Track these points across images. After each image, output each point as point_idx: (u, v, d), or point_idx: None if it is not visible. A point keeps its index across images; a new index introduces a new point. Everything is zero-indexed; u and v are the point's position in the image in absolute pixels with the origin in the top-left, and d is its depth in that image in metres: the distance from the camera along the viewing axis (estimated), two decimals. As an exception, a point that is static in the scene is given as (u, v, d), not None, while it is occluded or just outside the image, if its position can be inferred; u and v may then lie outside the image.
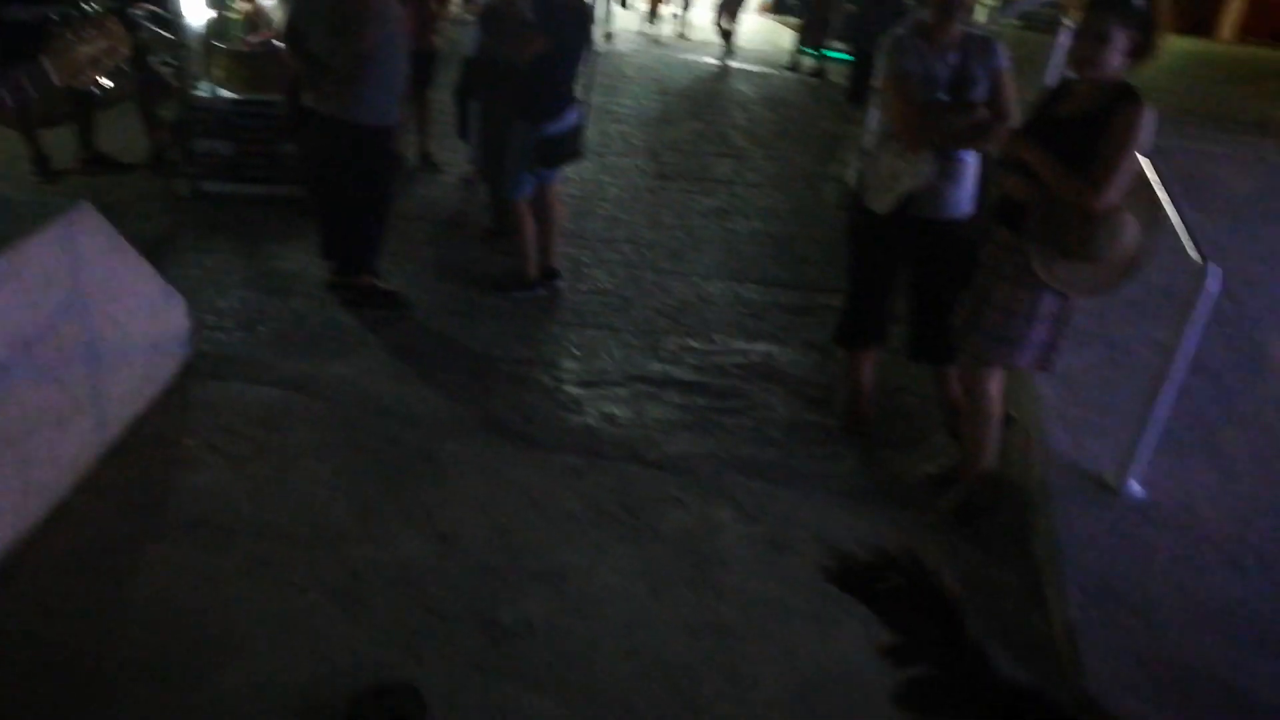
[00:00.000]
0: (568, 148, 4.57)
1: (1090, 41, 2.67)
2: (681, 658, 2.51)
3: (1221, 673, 2.53)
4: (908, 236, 3.43)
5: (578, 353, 4.26)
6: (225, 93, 5.36)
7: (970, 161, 3.35)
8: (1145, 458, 3.12)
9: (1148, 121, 2.66)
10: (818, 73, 11.52)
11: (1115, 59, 2.67)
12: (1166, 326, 3.08)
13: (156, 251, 4.55)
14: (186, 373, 3.65)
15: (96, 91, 4.85)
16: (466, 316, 4.49)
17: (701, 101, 9.22)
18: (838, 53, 11.41)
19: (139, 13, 5.36)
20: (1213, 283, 2.85)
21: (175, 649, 2.35)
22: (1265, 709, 2.46)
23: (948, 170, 3.30)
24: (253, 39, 5.52)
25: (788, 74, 11.86)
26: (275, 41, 5.32)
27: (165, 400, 3.46)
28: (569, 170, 6.02)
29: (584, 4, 4.59)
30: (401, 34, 4.14)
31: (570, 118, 4.47)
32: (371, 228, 4.41)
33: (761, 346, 4.48)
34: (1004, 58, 3.26)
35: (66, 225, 2.77)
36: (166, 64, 5.43)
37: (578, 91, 4.59)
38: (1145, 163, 2.99)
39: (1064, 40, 4.46)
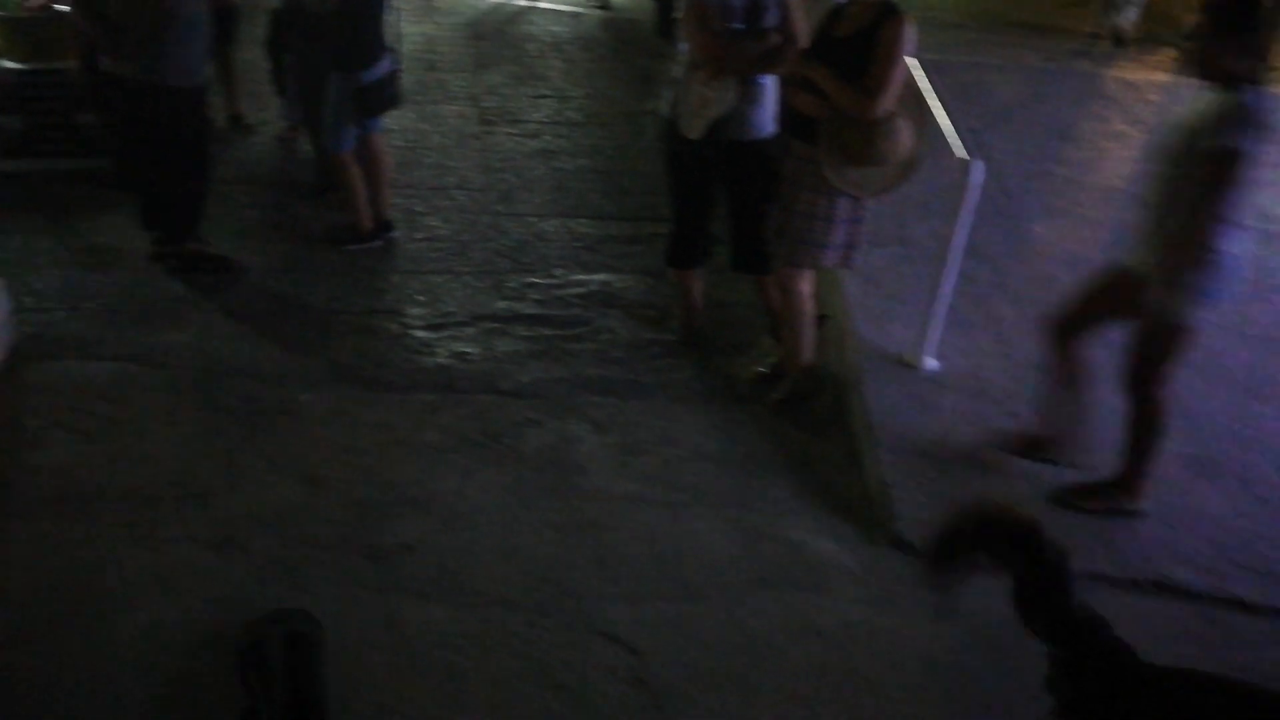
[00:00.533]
0: (385, 96, 4.59)
1: None
2: (553, 553, 2.76)
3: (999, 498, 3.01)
4: (719, 159, 3.72)
5: (421, 298, 4.37)
6: (8, 64, 5.01)
7: (769, 84, 3.66)
8: (936, 336, 3.59)
9: (909, 34, 3.04)
10: (604, 5, 11.60)
11: None
12: (949, 220, 3.52)
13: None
14: (14, 356, 3.54)
15: None
16: (303, 274, 4.49)
17: (516, 44, 9.18)
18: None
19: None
20: (976, 175, 3.29)
21: (61, 613, 2.40)
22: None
23: (749, 94, 3.59)
24: (31, 3, 5.16)
25: (597, 13, 11.96)
26: (58, 5, 5.02)
27: (-3, 383, 3.37)
28: (390, 121, 6.01)
29: None
30: None
31: (384, 65, 4.49)
32: (191, 193, 4.32)
33: (599, 276, 4.72)
34: (791, -15, 3.56)
35: None
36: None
37: (388, 39, 4.61)
38: (918, 72, 3.39)
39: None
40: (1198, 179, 2.62)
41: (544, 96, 7.47)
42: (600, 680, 2.32)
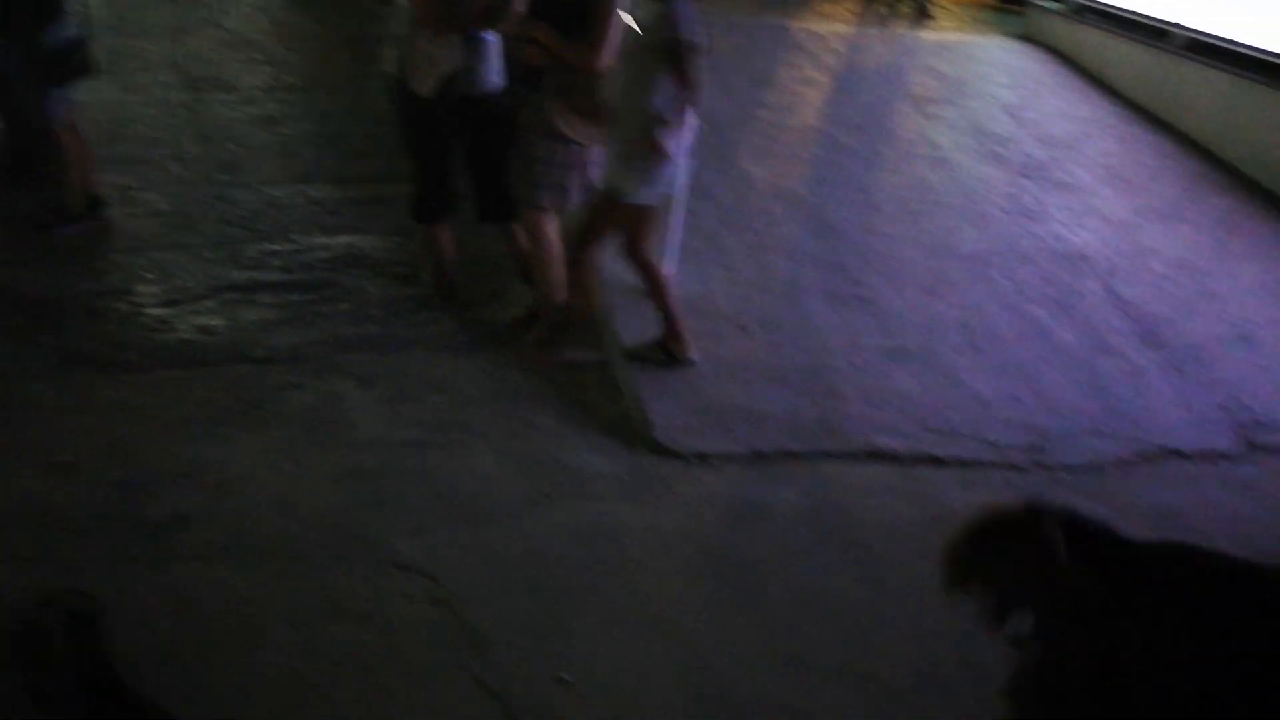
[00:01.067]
0: (74, 62, 4.23)
1: None
2: (335, 503, 2.83)
3: (743, 402, 3.44)
4: (453, 114, 3.83)
5: (150, 276, 4.15)
6: None
7: (493, 40, 3.80)
8: (673, 268, 3.94)
9: None
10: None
11: None
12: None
13: None
14: None
15: None
16: (13, 265, 4.11)
17: (216, 8, 8.61)
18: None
19: None
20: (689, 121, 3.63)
21: None
22: (774, 420, 3.39)
23: (474, 50, 3.72)
24: None
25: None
26: None
27: None
28: (84, 92, 5.53)
29: None
30: None
31: (66, 27, 4.14)
32: None
33: (343, 239, 4.68)
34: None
35: None
36: None
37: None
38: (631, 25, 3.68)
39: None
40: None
41: (258, 61, 7.13)
42: (401, 606, 2.44)
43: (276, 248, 4.51)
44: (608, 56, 3.39)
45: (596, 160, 3.63)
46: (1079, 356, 3.98)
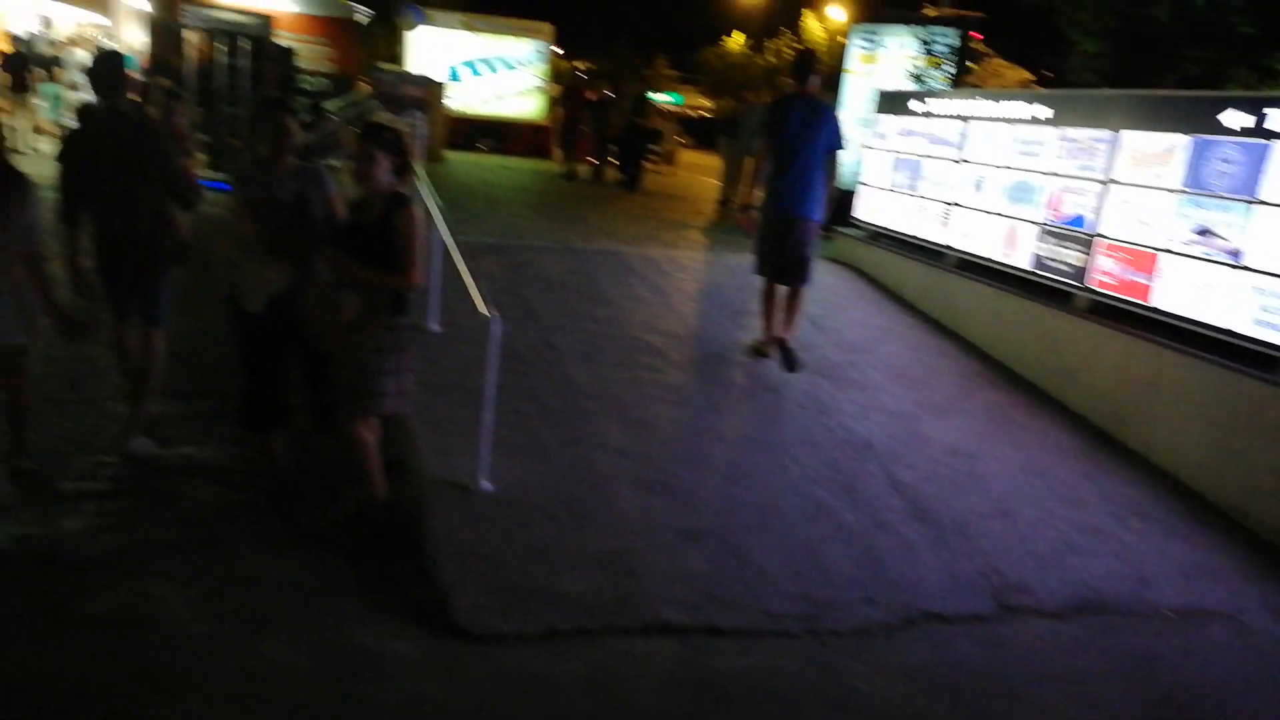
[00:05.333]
0: None
1: (362, 163, 3.78)
2: (123, 706, 2.90)
3: (544, 583, 3.71)
4: (281, 326, 4.22)
5: (-31, 491, 4.21)
6: None
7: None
8: (487, 462, 4.29)
9: (419, 216, 3.86)
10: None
11: (383, 175, 3.81)
12: (505, 371, 4.28)
13: None
14: None
15: None
16: None
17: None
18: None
19: None
20: (495, 328, 4.12)
21: None
22: (570, 598, 3.66)
23: (303, 273, 4.18)
24: None
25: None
26: None
27: None
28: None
29: None
30: None
31: None
32: None
33: (180, 450, 4.85)
34: (331, 184, 4.27)
35: None
36: None
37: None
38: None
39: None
40: None
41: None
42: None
43: (109, 459, 4.64)
44: (422, 274, 3.89)
45: (410, 369, 4.03)
46: (858, 532, 4.44)
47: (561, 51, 24.25)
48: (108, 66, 4.63)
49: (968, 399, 6.22)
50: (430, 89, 16.18)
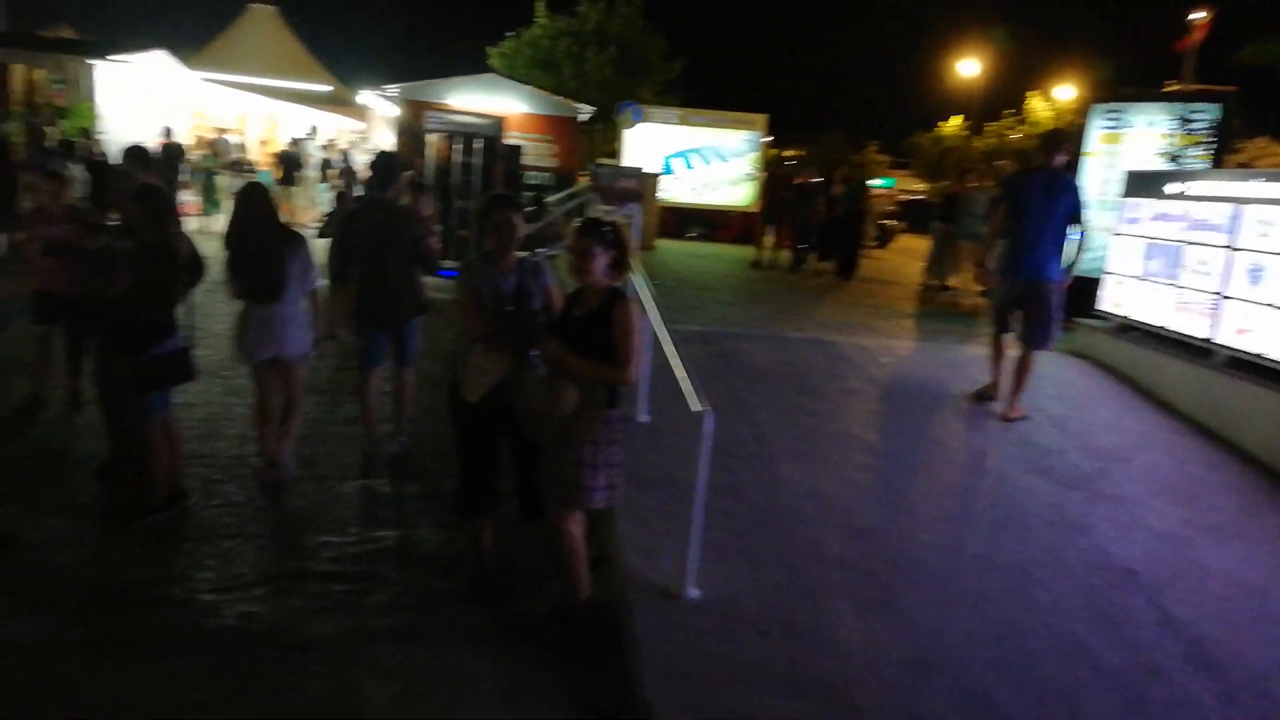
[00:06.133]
0: (173, 371, 4.83)
1: (580, 257, 3.72)
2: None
3: (752, 709, 3.35)
4: (498, 417, 4.20)
5: (211, 563, 4.44)
6: None
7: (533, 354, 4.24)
8: (695, 567, 4.03)
9: (636, 312, 3.73)
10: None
11: (600, 269, 3.73)
12: (714, 466, 4.06)
13: None
14: None
15: None
16: (87, 546, 4.49)
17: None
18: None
19: None
20: (708, 424, 3.90)
21: None
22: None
23: (521, 364, 4.16)
24: None
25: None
26: None
27: None
28: (194, 394, 6.22)
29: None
30: None
31: (172, 342, 4.78)
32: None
33: (394, 532, 4.94)
34: (549, 277, 4.26)
35: None
36: None
37: (180, 316, 4.94)
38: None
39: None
40: None
41: (350, 368, 7.88)
42: None
43: (331, 539, 4.78)
44: (638, 369, 3.75)
45: (619, 462, 3.87)
46: (1124, 679, 3.77)
47: (771, 139, 24.42)
48: (386, 165, 5.97)
49: (1250, 521, 5.30)
50: (645, 181, 16.67)
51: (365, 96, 22.69)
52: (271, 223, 5.30)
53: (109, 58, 16.10)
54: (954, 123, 46.94)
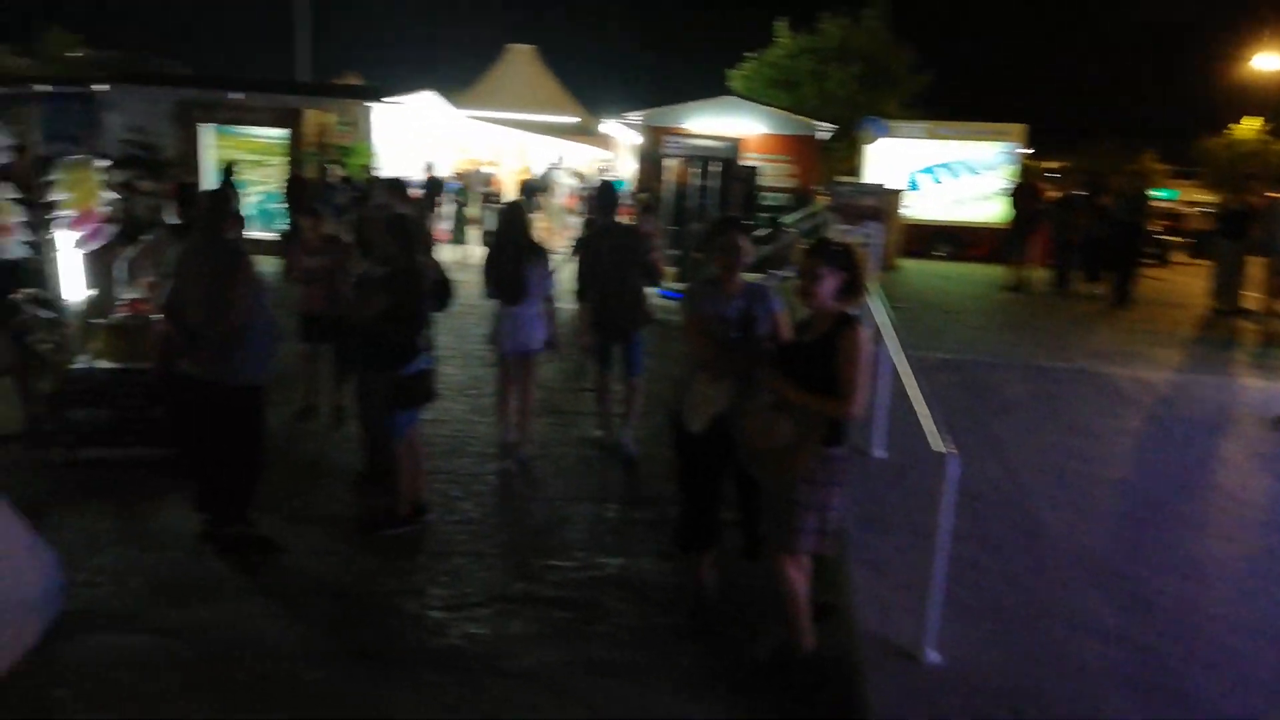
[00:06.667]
0: (419, 391, 5.05)
1: (808, 280, 3.45)
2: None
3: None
4: (722, 448, 4.01)
5: (444, 580, 4.56)
6: (102, 363, 5.72)
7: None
8: (936, 627, 3.61)
9: (865, 339, 3.41)
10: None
11: (828, 293, 3.45)
12: (960, 511, 3.66)
13: (30, 516, 4.73)
14: (59, 627, 3.78)
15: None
16: (337, 556, 4.76)
17: (566, 340, 10.01)
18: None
19: (19, 297, 5.76)
20: (952, 469, 3.48)
21: None
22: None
23: (746, 394, 3.94)
24: (128, 303, 5.94)
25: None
26: (148, 313, 5.79)
27: (37, 654, 3.58)
28: (439, 411, 6.53)
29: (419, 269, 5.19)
30: (267, 306, 4.68)
31: (419, 364, 4.99)
32: (244, 479, 4.73)
33: (618, 560, 4.87)
34: (778, 302, 4.03)
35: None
36: (44, 341, 5.78)
37: (428, 338, 5.16)
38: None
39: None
40: None
41: (588, 389, 8.01)
42: None
43: (557, 563, 4.79)
44: (862, 402, 3.43)
45: (836, 504, 3.56)
46: None
47: (1031, 151, 22.70)
48: (606, 193, 6.92)
49: None
50: (887, 198, 15.97)
51: (609, 125, 23.52)
52: (521, 238, 6.12)
53: (384, 100, 17.71)
54: (1250, 125, 41.61)
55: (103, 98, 16.32)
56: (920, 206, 18.20)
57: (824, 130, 18.77)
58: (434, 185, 16.67)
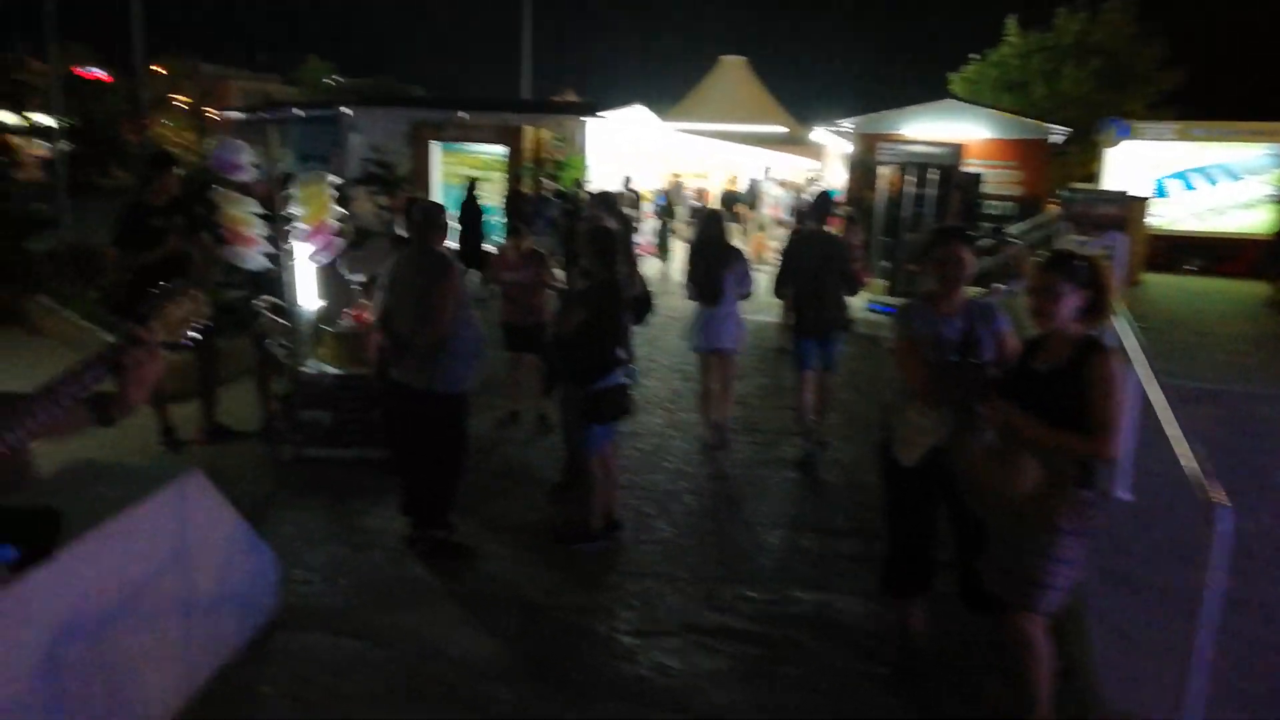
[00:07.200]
0: (613, 406, 4.95)
1: (1042, 297, 3.01)
2: None
3: None
4: (936, 484, 3.61)
5: (634, 602, 4.43)
6: (329, 368, 6.07)
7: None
8: (1199, 710, 3.05)
9: (1119, 368, 2.92)
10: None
11: (1067, 313, 2.99)
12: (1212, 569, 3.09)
13: (258, 511, 5.06)
14: (272, 624, 3.96)
15: (188, 344, 5.60)
16: (530, 567, 4.75)
17: (770, 359, 9.72)
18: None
19: (261, 304, 6.22)
20: (1224, 523, 2.92)
21: None
22: None
23: (967, 424, 3.53)
24: (353, 314, 6.29)
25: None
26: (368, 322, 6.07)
27: (250, 649, 3.76)
28: (638, 426, 6.46)
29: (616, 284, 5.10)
30: (473, 316, 4.75)
31: (614, 378, 4.89)
32: (447, 485, 4.82)
33: (817, 595, 4.56)
34: (1004, 321, 3.58)
35: (178, 489, 3.22)
36: (281, 345, 6.21)
37: (626, 353, 5.05)
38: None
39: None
40: None
41: (788, 408, 7.71)
42: None
43: (752, 594, 4.54)
44: (1119, 440, 2.95)
45: (1081, 559, 3.08)
46: None
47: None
48: (821, 201, 7.49)
49: None
50: (1130, 207, 14.51)
51: (819, 134, 22.99)
52: (719, 243, 6.68)
53: (596, 115, 18.16)
54: None
55: (347, 120, 17.78)
56: (1168, 215, 16.43)
57: (1056, 134, 17.38)
58: (631, 199, 16.92)
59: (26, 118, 31.19)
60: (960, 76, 30.59)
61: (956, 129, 16.53)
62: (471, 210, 13.03)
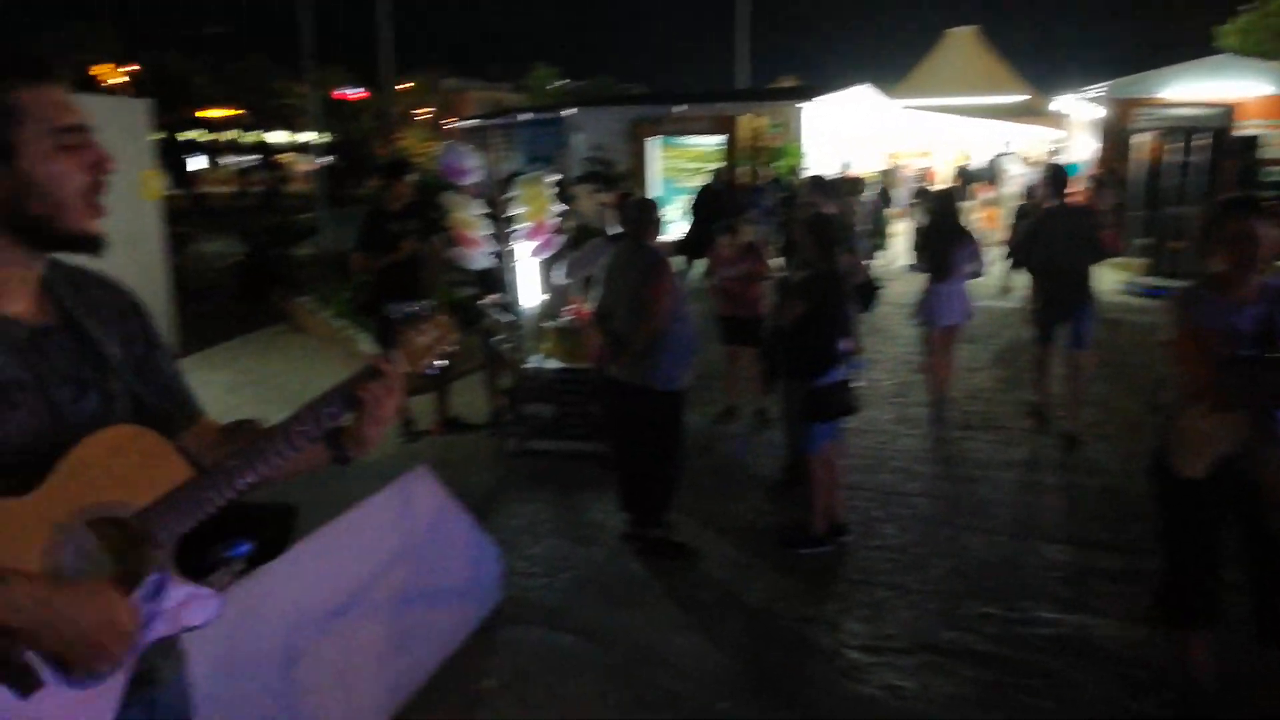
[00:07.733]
0: (836, 403, 4.65)
1: None
2: None
3: None
4: (1227, 500, 3.07)
5: (863, 614, 4.13)
6: (550, 363, 6.18)
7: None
8: None
9: None
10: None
11: None
12: None
13: (484, 502, 5.21)
14: (495, 617, 4.03)
15: (435, 373, 5.85)
16: (750, 569, 4.56)
17: (1008, 347, 8.96)
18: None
19: (487, 303, 6.43)
20: None
21: None
22: None
23: (1263, 429, 2.96)
24: (571, 310, 6.38)
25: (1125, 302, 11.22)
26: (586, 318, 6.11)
27: (472, 642, 3.83)
28: (863, 422, 6.10)
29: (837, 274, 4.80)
30: (688, 312, 4.62)
31: (838, 373, 4.59)
32: (664, 483, 4.73)
33: (1074, 617, 4.05)
34: (1319, 306, 2.97)
35: (404, 485, 3.31)
36: (506, 342, 6.40)
37: (850, 348, 4.75)
38: None
39: None
40: None
41: (1030, 401, 7.04)
42: None
43: (995, 612, 4.11)
44: None
45: None
46: None
47: None
48: (1057, 174, 6.59)
49: None
50: None
51: (1061, 102, 21.09)
52: (950, 222, 6.92)
53: (813, 99, 17.64)
54: None
55: (570, 121, 18.35)
56: None
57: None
58: (853, 185, 16.18)
59: (295, 138, 34.88)
60: (1230, 28, 27.11)
61: (1228, 87, 14.57)
62: (709, 200, 12.85)
